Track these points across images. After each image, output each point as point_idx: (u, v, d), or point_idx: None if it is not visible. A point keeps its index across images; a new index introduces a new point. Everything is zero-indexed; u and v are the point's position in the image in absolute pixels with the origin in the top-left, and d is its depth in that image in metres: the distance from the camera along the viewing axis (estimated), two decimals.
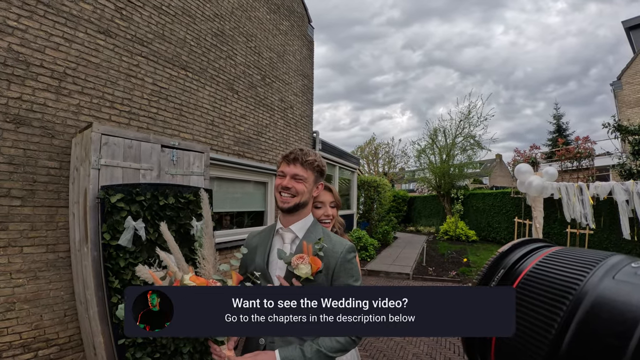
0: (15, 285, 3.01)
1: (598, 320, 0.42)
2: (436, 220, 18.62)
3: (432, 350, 4.40)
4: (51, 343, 3.21)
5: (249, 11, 6.27)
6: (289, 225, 1.51)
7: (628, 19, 16.16)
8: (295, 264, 1.34)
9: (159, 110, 4.38)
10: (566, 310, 0.45)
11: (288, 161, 1.48)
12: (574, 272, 0.49)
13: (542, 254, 0.59)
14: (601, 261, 0.49)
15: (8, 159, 3.00)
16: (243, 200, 6.48)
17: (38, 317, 3.13)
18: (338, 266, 1.41)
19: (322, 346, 1.30)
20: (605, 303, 0.43)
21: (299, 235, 1.49)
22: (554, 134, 29.70)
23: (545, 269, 0.54)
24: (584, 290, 0.45)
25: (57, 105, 3.32)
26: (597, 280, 0.46)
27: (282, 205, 1.47)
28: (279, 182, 1.49)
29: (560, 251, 0.58)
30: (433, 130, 16.49)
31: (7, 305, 2.95)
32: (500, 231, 13.33)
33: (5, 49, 2.99)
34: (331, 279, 1.41)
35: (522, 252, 0.62)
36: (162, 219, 3.29)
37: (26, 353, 3.04)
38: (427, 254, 10.86)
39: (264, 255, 1.51)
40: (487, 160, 32.75)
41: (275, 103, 7.09)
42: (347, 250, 1.45)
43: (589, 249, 0.56)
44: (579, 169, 13.56)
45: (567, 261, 0.53)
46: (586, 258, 0.52)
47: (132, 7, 4.04)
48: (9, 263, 2.98)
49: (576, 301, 0.45)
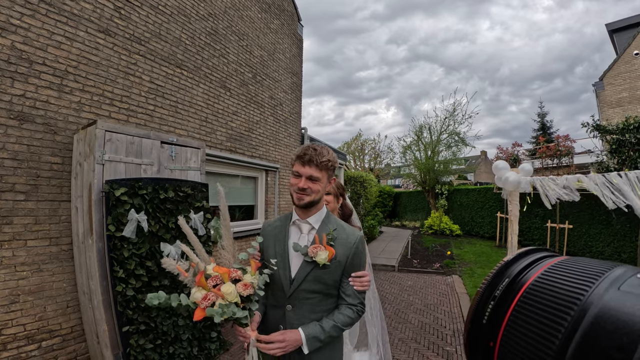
0: (19, 277, 3.10)
1: (602, 331, 0.42)
2: (421, 215, 19.00)
3: (417, 335, 4.64)
4: (54, 334, 3.31)
5: (241, 10, 6.38)
6: (306, 217, 1.63)
7: (612, 21, 16.88)
8: (314, 252, 1.51)
9: (156, 108, 4.49)
10: (570, 321, 0.45)
11: (303, 162, 1.54)
12: (579, 282, 0.50)
13: (546, 264, 0.60)
14: (606, 272, 0.49)
15: (12, 154, 3.09)
16: (234, 194, 6.62)
17: (41, 309, 3.24)
18: (351, 255, 1.59)
19: (337, 321, 1.52)
20: (610, 314, 0.42)
21: (315, 226, 1.64)
22: (538, 131, 30.37)
23: (549, 280, 0.55)
24: (588, 301, 0.45)
25: (59, 102, 3.41)
26: (602, 291, 0.46)
27: (299, 203, 1.56)
28: (295, 182, 1.56)
29: (565, 261, 0.59)
30: (418, 127, 16.78)
31: (11, 297, 3.04)
32: (484, 225, 13.74)
33: (9, 47, 3.07)
34: (345, 265, 1.58)
35: (527, 261, 0.63)
36: (163, 211, 3.43)
37: (30, 344, 3.14)
38: (412, 247, 11.16)
39: (283, 244, 1.63)
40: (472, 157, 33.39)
41: (266, 100, 7.22)
42: (359, 241, 1.63)
43: (594, 259, 0.57)
44: (559, 166, 14.05)
45: (571, 272, 0.54)
46: (591, 269, 0.52)
47: (130, 7, 4.14)
48: (13, 256, 3.08)
49: (581, 312, 0.45)
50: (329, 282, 1.56)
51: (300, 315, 1.55)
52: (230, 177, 6.38)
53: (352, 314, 1.56)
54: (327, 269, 1.53)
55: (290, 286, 1.56)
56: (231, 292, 1.32)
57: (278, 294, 1.60)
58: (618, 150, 8.99)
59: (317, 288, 1.55)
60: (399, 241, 12.73)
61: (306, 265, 1.55)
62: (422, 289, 6.96)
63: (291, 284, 1.56)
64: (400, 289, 6.99)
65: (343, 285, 1.59)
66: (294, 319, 1.55)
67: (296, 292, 1.55)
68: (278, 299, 1.61)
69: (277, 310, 1.61)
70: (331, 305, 1.60)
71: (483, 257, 9.95)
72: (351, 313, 1.56)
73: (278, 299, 1.61)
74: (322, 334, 1.48)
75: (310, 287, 1.54)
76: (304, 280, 1.54)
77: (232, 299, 1.32)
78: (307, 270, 1.54)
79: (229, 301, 1.31)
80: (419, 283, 7.45)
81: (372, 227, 13.46)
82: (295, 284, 1.55)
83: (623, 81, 14.63)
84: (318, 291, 1.56)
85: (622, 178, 7.16)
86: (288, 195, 8.18)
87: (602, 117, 14.68)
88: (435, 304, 5.99)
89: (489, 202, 13.50)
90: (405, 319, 5.24)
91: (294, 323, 1.54)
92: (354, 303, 1.58)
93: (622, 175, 6.71)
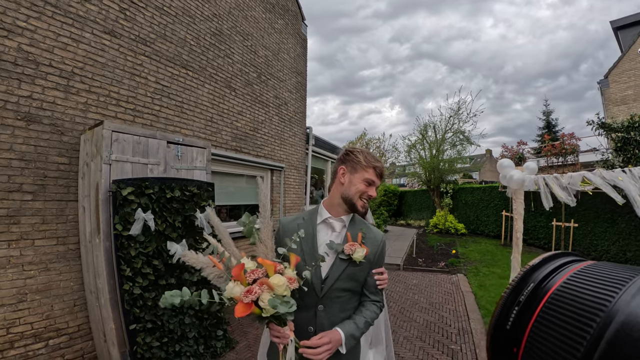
0: (27, 276, 3.14)
1: (628, 339, 0.40)
2: (426, 214, 18.94)
3: (422, 333, 4.64)
4: (61, 332, 3.35)
5: (245, 10, 6.40)
6: (339, 215, 1.65)
7: (616, 18, 16.77)
8: (351, 249, 1.52)
9: (162, 108, 4.52)
10: (596, 328, 0.44)
11: (378, 174, 1.61)
12: (605, 289, 0.48)
13: (572, 269, 0.58)
14: (633, 278, 0.48)
15: (19, 155, 3.12)
16: (240, 194, 6.64)
17: (49, 308, 3.27)
18: (379, 253, 1.64)
19: (367, 317, 1.55)
20: (637, 322, 0.41)
21: (347, 223, 1.66)
22: (543, 130, 30.14)
23: (575, 286, 0.53)
24: (614, 308, 0.44)
25: (65, 103, 3.45)
26: (629, 298, 0.44)
27: (362, 210, 1.60)
28: (365, 189, 1.59)
29: (592, 266, 0.57)
30: (423, 126, 16.73)
31: (19, 296, 3.08)
32: (489, 224, 13.68)
33: (15, 49, 3.10)
34: (372, 263, 1.62)
35: (553, 266, 0.62)
36: (170, 210, 3.46)
37: (37, 342, 3.17)
38: (417, 246, 11.14)
39: (312, 242, 1.60)
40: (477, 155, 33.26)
41: (271, 100, 7.24)
42: (383, 240, 1.70)
43: (620, 264, 0.56)
44: (564, 164, 13.97)
45: (597, 278, 0.52)
46: (618, 275, 0.51)
47: (135, 8, 4.17)
48: (21, 255, 3.12)
49: (606, 320, 0.44)
50: (360, 280, 1.59)
51: (332, 314, 1.52)
52: (236, 176, 6.41)
53: (377, 309, 1.61)
54: (360, 266, 1.55)
55: (321, 285, 1.52)
56: (282, 284, 1.24)
57: (308, 294, 1.51)
58: (623, 148, 8.91)
59: (348, 286, 1.55)
60: (404, 240, 12.71)
61: (340, 263, 1.53)
62: (427, 288, 6.96)
63: (323, 283, 1.53)
64: (405, 287, 6.99)
65: (367, 282, 1.62)
66: (324, 319, 1.51)
67: (329, 291, 1.52)
68: (308, 299, 1.53)
69: (306, 311, 1.53)
70: (356, 303, 1.62)
71: (488, 255, 9.92)
72: (376, 309, 1.60)
73: (308, 300, 1.53)
74: (357, 331, 1.48)
75: (342, 285, 1.53)
76: (338, 278, 1.52)
77: (282, 291, 1.24)
78: (342, 268, 1.53)
79: (279, 294, 1.24)
80: (424, 282, 7.45)
81: (377, 226, 13.42)
82: (329, 282, 1.52)
83: (628, 79, 14.53)
84: (349, 289, 1.56)
85: (626, 174, 7.11)
86: (293, 194, 8.20)
87: (607, 114, 14.59)
88: (441, 303, 5.99)
89: (494, 201, 13.44)
90: (411, 318, 5.25)
91: (325, 323, 1.50)
92: (377, 299, 1.62)
93: (627, 171, 6.67)
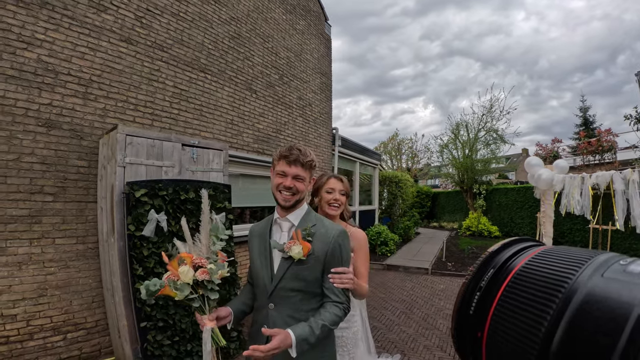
0: (47, 273, 3.32)
1: (588, 317, 0.42)
2: (459, 216, 18.36)
3: (443, 343, 4.47)
4: (79, 327, 3.51)
5: (264, 13, 6.45)
6: (285, 215, 1.64)
7: None
8: (288, 247, 1.50)
9: (180, 111, 4.63)
10: (556, 308, 0.45)
11: (289, 162, 1.57)
12: (564, 269, 0.50)
13: (531, 253, 0.60)
14: (590, 259, 0.50)
15: (41, 159, 3.30)
16: (263, 196, 6.69)
17: (68, 303, 3.44)
18: (330, 250, 1.55)
19: (326, 320, 1.47)
20: (595, 300, 0.43)
21: (295, 223, 1.63)
22: (580, 127, 28.50)
23: (534, 268, 0.55)
24: (573, 287, 0.46)
25: (84, 109, 3.61)
26: (586, 277, 0.46)
27: (284, 204, 1.58)
28: (280, 181, 1.58)
29: (549, 250, 0.60)
30: (455, 125, 16.24)
31: (39, 291, 3.26)
32: (523, 227, 13.05)
33: (35, 60, 3.29)
34: (324, 261, 1.55)
35: (512, 251, 0.64)
36: (184, 212, 3.52)
37: (56, 335, 3.35)
38: (447, 249, 10.81)
39: (265, 242, 1.65)
40: (513, 155, 31.93)
41: (294, 101, 7.26)
42: (339, 235, 1.59)
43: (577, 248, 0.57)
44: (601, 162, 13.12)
45: (556, 259, 0.54)
46: (575, 256, 0.52)
47: (151, 15, 4.30)
48: (42, 253, 3.30)
49: (566, 299, 0.45)
50: (309, 279, 1.53)
51: (284, 314, 1.53)
52: (258, 178, 6.41)
53: (339, 311, 1.52)
54: (305, 264, 1.51)
55: (271, 284, 1.55)
56: (186, 272, 1.43)
57: (261, 293, 1.60)
58: None
59: (297, 286, 1.53)
60: (435, 243, 12.38)
61: (284, 262, 1.54)
62: (455, 294, 6.71)
63: (272, 282, 1.56)
64: (431, 292, 6.78)
65: (326, 282, 1.55)
66: (277, 318, 1.53)
67: (276, 290, 1.54)
68: (260, 298, 1.61)
69: (261, 310, 1.60)
70: (315, 305, 1.56)
71: None
72: (338, 311, 1.52)
73: (260, 298, 1.61)
74: (312, 336, 1.41)
75: (290, 284, 1.53)
76: (283, 277, 1.53)
77: (185, 279, 1.43)
78: (285, 266, 1.54)
79: (184, 282, 1.43)
80: (452, 287, 7.18)
81: (408, 228, 13.18)
82: (275, 281, 1.54)
83: None
84: (298, 289, 1.53)
85: None
86: None
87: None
88: None
89: (528, 202, 12.80)
90: (434, 325, 5.07)
91: (277, 322, 1.51)
92: (340, 300, 1.54)
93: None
